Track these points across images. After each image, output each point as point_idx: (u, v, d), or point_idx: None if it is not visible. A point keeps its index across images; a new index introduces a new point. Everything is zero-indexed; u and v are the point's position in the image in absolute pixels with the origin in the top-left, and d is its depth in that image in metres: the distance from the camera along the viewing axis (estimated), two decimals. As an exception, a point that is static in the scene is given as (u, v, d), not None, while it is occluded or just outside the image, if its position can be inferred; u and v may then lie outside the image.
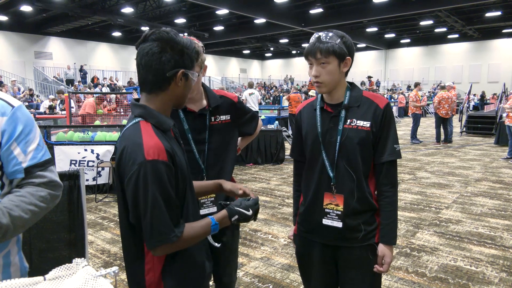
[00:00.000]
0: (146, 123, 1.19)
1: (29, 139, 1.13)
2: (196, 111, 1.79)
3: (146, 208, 1.11)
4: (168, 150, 1.15)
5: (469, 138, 12.40)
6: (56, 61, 23.29)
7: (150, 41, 1.17)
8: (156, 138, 1.15)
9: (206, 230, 1.23)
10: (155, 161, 1.11)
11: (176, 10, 21.10)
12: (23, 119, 1.13)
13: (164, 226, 1.12)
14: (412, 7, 18.81)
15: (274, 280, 3.11)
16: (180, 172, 1.20)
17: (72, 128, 6.28)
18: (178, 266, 1.25)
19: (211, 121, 1.82)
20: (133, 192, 1.12)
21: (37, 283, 0.88)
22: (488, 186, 6.11)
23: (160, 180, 1.11)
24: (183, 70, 1.20)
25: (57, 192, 1.17)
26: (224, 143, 1.88)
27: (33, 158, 1.12)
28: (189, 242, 1.20)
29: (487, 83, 27.94)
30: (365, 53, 33.48)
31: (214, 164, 1.83)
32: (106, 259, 3.54)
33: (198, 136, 1.79)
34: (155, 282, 1.23)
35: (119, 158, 1.17)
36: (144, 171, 1.10)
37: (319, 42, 1.50)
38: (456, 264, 3.36)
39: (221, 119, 1.85)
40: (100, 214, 4.90)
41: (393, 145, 1.57)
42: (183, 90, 1.24)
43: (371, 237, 1.61)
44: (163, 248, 1.15)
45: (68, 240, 2.49)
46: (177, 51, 1.18)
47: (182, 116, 1.77)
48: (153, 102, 1.22)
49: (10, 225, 1.02)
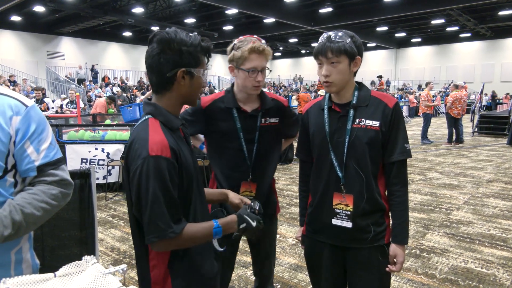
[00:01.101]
0: (155, 120, 1.22)
1: (42, 138, 1.15)
2: (248, 112, 1.84)
3: (146, 202, 1.13)
4: (172, 147, 1.17)
5: (481, 138, 12.22)
6: (68, 60, 23.61)
7: (152, 43, 1.21)
8: (162, 134, 1.17)
9: (208, 232, 1.23)
10: (158, 157, 1.13)
11: (186, 10, 21.19)
12: (36, 118, 1.15)
13: (162, 221, 1.13)
14: (423, 6, 18.57)
15: (282, 280, 3.11)
16: (184, 171, 1.21)
17: (83, 127, 6.35)
18: (186, 265, 1.25)
19: (261, 122, 1.87)
20: (135, 186, 1.15)
21: (48, 279, 0.90)
22: (500, 187, 6.02)
23: (161, 176, 1.13)
24: (183, 69, 1.20)
25: (68, 190, 1.20)
26: (271, 144, 1.94)
27: (46, 157, 1.15)
28: (189, 241, 1.20)
29: (500, 83, 27.48)
30: (375, 52, 33.20)
31: (260, 164, 1.90)
32: (116, 257, 3.57)
33: (248, 135, 1.85)
34: (160, 279, 1.23)
35: (127, 152, 1.21)
36: (147, 166, 1.13)
37: (330, 42, 1.50)
38: (466, 266, 3.32)
39: (270, 121, 1.90)
40: (110, 212, 4.95)
41: (403, 144, 1.56)
42: (189, 88, 1.25)
43: (380, 238, 1.60)
44: (161, 244, 1.16)
45: (79, 238, 2.52)
46: (175, 51, 1.19)
47: (236, 115, 1.83)
48: (162, 101, 1.26)
49: (23, 222, 1.05)
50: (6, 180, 1.11)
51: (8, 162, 1.10)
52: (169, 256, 1.24)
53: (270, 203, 1.99)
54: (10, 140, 1.10)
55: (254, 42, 1.73)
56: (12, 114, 1.10)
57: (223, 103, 1.84)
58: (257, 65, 1.73)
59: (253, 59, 1.73)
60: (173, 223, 1.15)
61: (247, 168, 1.85)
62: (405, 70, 32.49)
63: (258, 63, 1.73)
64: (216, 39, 24.66)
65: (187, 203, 1.25)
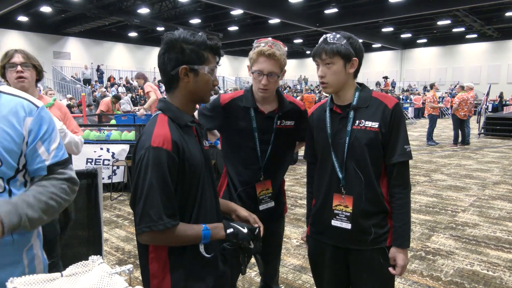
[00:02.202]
0: (164, 115, 1.27)
1: (52, 138, 1.19)
2: (265, 113, 1.86)
3: (142, 191, 1.16)
4: (176, 142, 1.19)
5: (488, 140, 12.13)
6: (74, 61, 23.75)
7: (161, 44, 1.27)
8: (167, 128, 1.21)
9: (196, 232, 1.22)
10: (159, 148, 1.16)
11: (191, 11, 21.24)
12: (47, 119, 1.19)
13: (154, 212, 1.14)
14: (429, 6, 18.46)
15: (286, 281, 3.10)
16: (189, 167, 1.22)
17: (88, 127, 6.39)
18: (186, 261, 1.25)
19: (277, 124, 1.89)
20: (135, 175, 1.19)
21: (55, 279, 0.91)
22: (506, 190, 5.97)
23: (160, 167, 1.16)
24: (184, 66, 1.24)
25: (75, 187, 1.24)
26: (285, 147, 1.97)
27: (55, 157, 1.18)
28: (179, 239, 1.20)
29: (507, 84, 27.26)
30: (381, 53, 33.07)
31: (272, 165, 1.91)
32: (121, 257, 3.59)
33: (263, 136, 1.86)
34: (159, 272, 1.24)
35: (136, 145, 1.26)
36: (147, 156, 1.16)
37: (325, 43, 1.53)
38: (472, 269, 3.30)
39: (286, 124, 1.92)
40: (115, 212, 4.98)
41: (403, 146, 1.55)
42: (194, 85, 1.28)
43: (382, 240, 1.59)
44: (150, 235, 1.17)
45: (85, 238, 2.54)
46: (177, 49, 1.24)
47: (253, 114, 1.85)
48: (172, 99, 1.31)
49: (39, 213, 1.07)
50: (17, 180, 1.14)
51: (20, 162, 1.13)
52: (167, 250, 1.24)
53: (279, 204, 2.02)
54: (23, 140, 1.13)
55: (265, 46, 1.73)
56: (25, 115, 1.13)
57: (241, 102, 1.87)
58: (262, 68, 1.73)
59: (260, 62, 1.73)
60: (166, 216, 1.16)
61: (259, 167, 1.88)
62: (410, 71, 32.32)
63: (264, 67, 1.72)
64: (221, 40, 24.63)
65: (189, 201, 1.26)
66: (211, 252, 1.30)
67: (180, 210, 1.23)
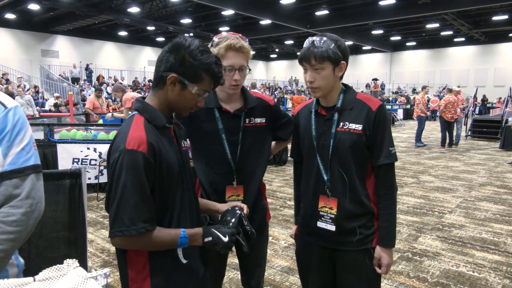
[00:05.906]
0: (140, 116, 1.23)
1: (14, 142, 1.07)
2: (231, 112, 1.75)
3: (115, 195, 1.12)
4: (151, 144, 1.16)
5: (474, 142, 12.30)
6: (62, 59, 23.41)
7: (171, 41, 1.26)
8: (142, 130, 1.17)
9: (173, 239, 1.19)
10: (134, 151, 1.13)
11: (182, 10, 21.14)
12: (13, 120, 1.08)
13: (128, 216, 1.11)
14: (418, 10, 18.69)
15: (273, 282, 3.08)
16: (166, 169, 1.20)
17: (75, 127, 6.29)
18: (166, 266, 1.23)
19: (245, 122, 1.77)
20: (109, 177, 1.16)
21: (27, 283, 0.87)
22: (492, 191, 6.05)
23: (135, 170, 1.12)
24: (174, 74, 1.21)
25: (35, 207, 1.08)
26: (257, 146, 1.82)
27: (13, 164, 1.05)
28: (153, 244, 1.17)
29: (493, 87, 27.70)
30: (371, 55, 33.35)
31: (245, 167, 1.78)
32: (106, 258, 3.53)
33: (231, 137, 1.75)
34: (138, 276, 1.21)
35: (110, 147, 1.22)
36: (121, 159, 1.13)
37: (313, 47, 1.50)
38: (458, 270, 3.32)
39: (255, 122, 1.80)
40: (101, 213, 4.90)
41: (388, 148, 1.55)
42: (177, 97, 1.25)
43: (368, 241, 1.59)
44: (123, 240, 1.13)
45: (68, 239, 2.48)
46: (179, 56, 1.21)
47: (217, 115, 1.74)
48: (152, 99, 1.28)
49: None
50: None
51: None
52: (147, 254, 1.21)
53: (258, 209, 1.87)
54: None
55: (232, 39, 1.63)
56: None
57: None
58: (234, 63, 1.64)
59: (230, 56, 1.63)
60: (140, 221, 1.12)
61: (231, 171, 1.75)
62: (400, 73, 32.65)
63: (235, 61, 1.64)
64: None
65: (168, 203, 1.23)
66: (188, 257, 1.27)
67: (159, 213, 1.20)
